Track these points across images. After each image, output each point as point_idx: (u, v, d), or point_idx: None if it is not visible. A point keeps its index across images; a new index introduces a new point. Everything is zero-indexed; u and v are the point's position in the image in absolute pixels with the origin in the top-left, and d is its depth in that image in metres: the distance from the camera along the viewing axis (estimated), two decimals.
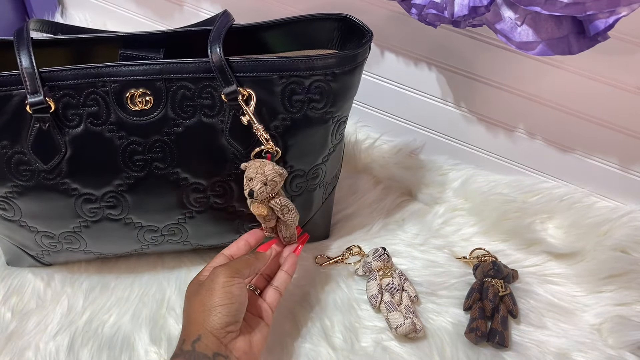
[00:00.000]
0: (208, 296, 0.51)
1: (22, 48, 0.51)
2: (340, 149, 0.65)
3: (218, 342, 0.50)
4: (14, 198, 0.56)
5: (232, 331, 0.51)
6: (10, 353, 0.60)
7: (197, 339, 0.49)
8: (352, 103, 0.61)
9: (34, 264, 0.68)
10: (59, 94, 0.52)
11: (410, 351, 0.62)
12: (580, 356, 0.62)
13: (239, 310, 0.52)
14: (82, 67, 0.52)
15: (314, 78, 0.55)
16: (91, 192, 0.56)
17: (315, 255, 0.71)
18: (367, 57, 0.58)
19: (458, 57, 0.71)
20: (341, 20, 0.60)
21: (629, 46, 0.60)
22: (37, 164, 0.54)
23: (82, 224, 0.59)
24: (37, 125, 0.53)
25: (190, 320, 0.51)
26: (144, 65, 0.53)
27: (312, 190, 0.64)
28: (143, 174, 0.56)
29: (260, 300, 0.59)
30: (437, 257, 0.72)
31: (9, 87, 0.51)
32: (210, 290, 0.51)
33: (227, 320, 0.50)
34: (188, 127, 0.55)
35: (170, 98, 0.54)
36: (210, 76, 0.53)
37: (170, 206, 0.59)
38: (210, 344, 0.49)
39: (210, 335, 0.50)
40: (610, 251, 0.69)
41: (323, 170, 0.62)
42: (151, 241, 0.63)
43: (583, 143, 0.71)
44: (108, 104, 0.53)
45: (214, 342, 0.50)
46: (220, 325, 0.50)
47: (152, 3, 0.91)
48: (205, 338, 0.49)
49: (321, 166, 0.62)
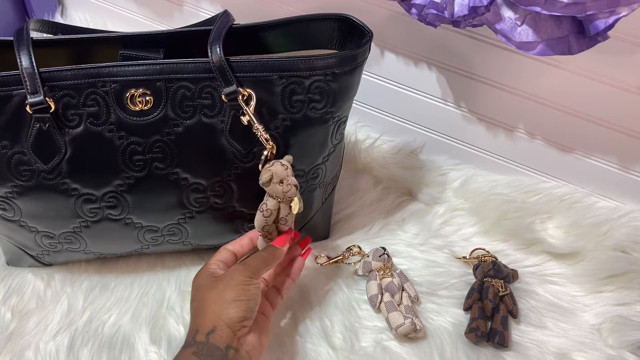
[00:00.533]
0: (226, 291, 0.51)
1: (22, 48, 0.51)
2: (340, 149, 0.65)
3: (232, 335, 0.50)
4: (14, 198, 0.56)
5: (246, 326, 0.52)
6: (10, 353, 0.60)
7: (211, 330, 0.49)
8: (352, 103, 0.61)
9: (34, 264, 0.68)
10: (59, 94, 0.52)
11: (410, 351, 0.62)
12: (580, 356, 0.62)
13: (254, 307, 0.52)
14: (82, 67, 0.52)
15: (314, 78, 0.55)
16: (91, 192, 0.56)
17: (315, 255, 0.71)
18: (367, 57, 0.58)
19: (458, 57, 0.71)
20: (341, 21, 0.60)
21: (629, 46, 0.60)
22: (37, 164, 0.54)
23: (82, 224, 0.59)
24: (37, 126, 0.53)
25: (203, 312, 0.51)
26: (144, 66, 0.53)
27: (312, 191, 0.63)
28: (143, 174, 0.56)
29: (263, 299, 0.59)
30: (437, 257, 0.72)
31: (8, 87, 0.51)
32: (228, 286, 0.52)
33: (243, 314, 0.51)
34: (188, 127, 0.55)
35: (170, 98, 0.54)
36: (210, 76, 0.53)
37: (170, 206, 0.59)
38: (224, 335, 0.50)
39: (225, 327, 0.50)
40: (610, 251, 0.69)
41: (323, 170, 0.62)
42: (151, 241, 0.63)
43: (583, 143, 0.71)
44: (108, 104, 0.53)
45: (228, 334, 0.50)
46: (237, 318, 0.50)
47: (152, 3, 0.91)
48: (220, 330, 0.50)
49: (321, 166, 0.62)
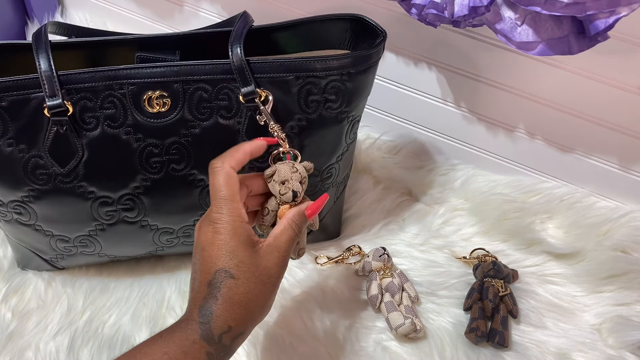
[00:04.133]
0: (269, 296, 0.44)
1: (40, 51, 0.51)
2: (353, 148, 0.65)
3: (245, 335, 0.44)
4: (30, 202, 0.56)
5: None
6: (10, 353, 0.60)
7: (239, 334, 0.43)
8: (365, 103, 0.61)
9: (45, 268, 0.67)
10: (76, 97, 0.52)
11: (410, 351, 0.62)
12: (580, 356, 0.62)
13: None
14: (99, 70, 0.52)
15: (330, 78, 0.55)
16: (108, 195, 0.56)
17: (315, 255, 0.71)
18: (380, 56, 0.58)
19: (458, 57, 0.71)
20: (354, 21, 0.60)
21: (629, 46, 0.60)
22: (54, 168, 0.54)
23: (98, 227, 0.59)
24: (54, 129, 0.53)
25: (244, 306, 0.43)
26: (161, 68, 0.53)
27: (325, 190, 0.64)
28: (160, 176, 0.56)
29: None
30: (437, 257, 0.72)
31: (26, 91, 0.51)
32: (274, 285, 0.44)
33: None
34: (205, 128, 0.55)
35: (187, 100, 0.54)
36: (227, 77, 0.53)
37: (187, 208, 0.59)
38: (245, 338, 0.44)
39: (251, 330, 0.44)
40: (610, 251, 0.69)
41: (336, 169, 0.63)
42: (166, 243, 0.63)
43: (583, 143, 0.71)
44: (125, 106, 0.53)
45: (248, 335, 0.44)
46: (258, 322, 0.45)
47: (152, 3, 0.91)
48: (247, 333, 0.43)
49: (335, 165, 0.62)
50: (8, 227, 0.61)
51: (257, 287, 0.43)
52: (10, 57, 0.57)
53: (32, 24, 0.98)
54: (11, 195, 0.56)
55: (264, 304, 0.44)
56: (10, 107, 0.52)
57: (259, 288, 0.43)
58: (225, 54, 0.53)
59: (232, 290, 0.42)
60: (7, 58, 0.57)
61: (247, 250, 0.43)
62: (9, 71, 0.55)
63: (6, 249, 0.70)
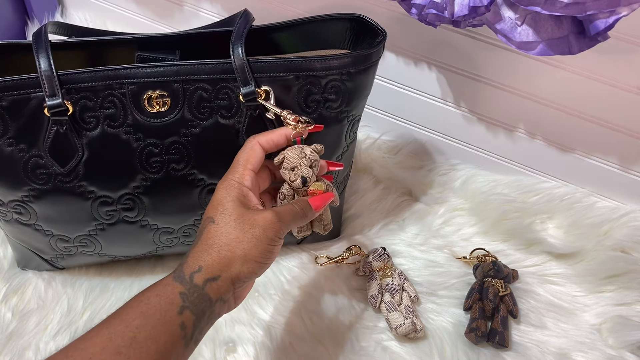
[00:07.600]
0: (250, 246, 0.44)
1: (40, 51, 0.51)
2: (353, 148, 0.65)
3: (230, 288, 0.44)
4: (29, 202, 0.56)
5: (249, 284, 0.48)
6: (10, 353, 0.60)
7: (213, 278, 0.43)
8: (365, 102, 0.61)
9: (45, 268, 0.67)
10: (76, 97, 0.52)
11: (410, 351, 0.62)
12: (580, 356, 0.62)
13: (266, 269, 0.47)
14: (99, 70, 0.52)
15: (330, 77, 0.55)
16: (108, 194, 0.56)
17: (315, 255, 0.71)
18: (380, 56, 0.58)
19: (458, 57, 0.71)
20: (354, 20, 0.60)
21: (629, 46, 0.60)
22: (54, 167, 0.54)
23: (98, 227, 0.59)
24: (54, 128, 0.53)
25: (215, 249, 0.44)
26: (161, 67, 0.53)
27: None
28: (160, 175, 0.56)
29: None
30: (437, 257, 0.72)
31: (26, 90, 0.51)
32: (256, 240, 0.45)
33: (254, 275, 0.46)
34: (205, 128, 0.55)
35: (187, 99, 0.54)
36: (227, 77, 0.53)
37: (187, 207, 0.59)
38: (222, 287, 0.44)
39: (229, 279, 0.44)
40: (610, 251, 0.69)
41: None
42: (166, 243, 0.63)
43: (583, 143, 0.71)
44: (125, 106, 0.53)
45: (227, 287, 0.44)
46: (246, 277, 0.45)
47: (152, 3, 0.91)
48: (222, 281, 0.43)
49: None
50: (8, 227, 0.61)
51: (233, 232, 0.44)
52: (10, 57, 0.57)
53: (32, 24, 0.98)
54: (11, 195, 0.56)
55: (242, 253, 0.44)
56: (11, 107, 0.52)
57: (236, 234, 0.44)
58: (225, 53, 0.53)
59: (210, 233, 0.45)
60: (7, 58, 0.57)
61: (234, 203, 0.46)
62: (9, 71, 0.55)
63: (6, 249, 0.70)
